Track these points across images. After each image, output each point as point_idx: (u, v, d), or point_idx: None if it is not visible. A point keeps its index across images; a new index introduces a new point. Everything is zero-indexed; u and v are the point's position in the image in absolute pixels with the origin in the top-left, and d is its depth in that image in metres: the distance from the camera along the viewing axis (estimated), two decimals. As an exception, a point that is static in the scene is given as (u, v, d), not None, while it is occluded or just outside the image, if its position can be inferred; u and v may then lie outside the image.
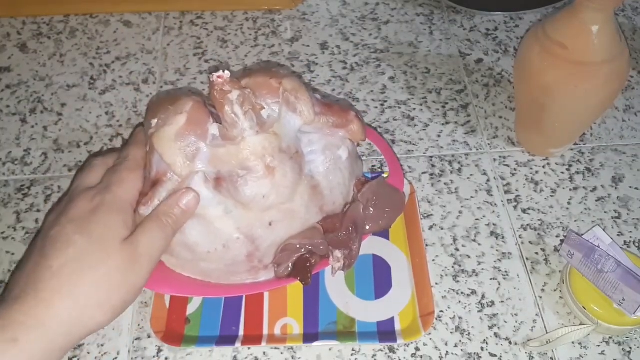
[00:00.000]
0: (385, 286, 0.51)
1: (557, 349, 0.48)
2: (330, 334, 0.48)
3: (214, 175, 0.42)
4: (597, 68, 0.49)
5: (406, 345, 0.48)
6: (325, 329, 0.49)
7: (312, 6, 0.75)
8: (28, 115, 0.64)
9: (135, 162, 0.43)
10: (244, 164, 0.41)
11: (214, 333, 0.48)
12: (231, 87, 0.40)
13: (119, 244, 0.38)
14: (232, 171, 0.41)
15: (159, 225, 0.40)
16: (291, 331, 0.49)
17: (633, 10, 0.75)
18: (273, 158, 0.41)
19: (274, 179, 0.41)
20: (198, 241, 0.43)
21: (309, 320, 0.49)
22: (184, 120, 0.41)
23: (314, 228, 0.46)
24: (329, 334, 0.48)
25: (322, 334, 0.48)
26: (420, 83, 0.66)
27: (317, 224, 0.46)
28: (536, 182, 0.58)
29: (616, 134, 0.62)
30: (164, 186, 0.41)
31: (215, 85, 0.40)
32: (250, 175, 0.41)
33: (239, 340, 0.48)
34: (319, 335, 0.48)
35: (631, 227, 0.55)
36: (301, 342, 0.47)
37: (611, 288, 0.46)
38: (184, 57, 0.69)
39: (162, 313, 0.49)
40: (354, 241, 0.46)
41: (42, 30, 0.72)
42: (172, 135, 0.41)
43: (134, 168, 0.43)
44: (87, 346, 0.48)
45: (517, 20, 0.73)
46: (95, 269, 0.37)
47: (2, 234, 0.55)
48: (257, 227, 0.43)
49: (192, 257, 0.44)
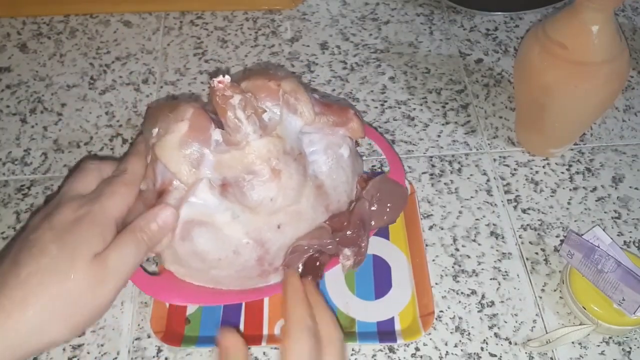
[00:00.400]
0: (385, 286, 0.51)
1: (557, 349, 0.48)
2: None
3: (219, 181, 0.41)
4: (597, 68, 0.49)
5: (406, 345, 0.48)
6: None
7: (312, 6, 0.75)
8: (28, 115, 0.64)
9: (132, 176, 0.42)
10: (249, 168, 0.41)
11: (214, 333, 0.48)
12: (232, 92, 0.40)
13: (90, 258, 0.37)
14: (238, 176, 0.41)
15: (132, 240, 0.39)
16: None
17: (633, 10, 0.75)
18: (278, 161, 0.41)
19: (280, 181, 0.41)
20: (208, 249, 0.43)
21: None
22: (186, 128, 0.41)
23: (321, 228, 0.46)
24: None
25: None
26: (420, 83, 0.66)
27: (324, 224, 0.46)
28: (536, 182, 0.58)
29: (616, 134, 0.62)
30: (170, 195, 0.41)
31: (216, 91, 0.40)
32: (256, 179, 0.41)
33: None
34: None
35: (631, 227, 0.55)
36: None
37: (611, 288, 0.46)
38: (184, 57, 0.69)
39: (162, 313, 0.49)
40: (362, 238, 0.46)
41: (42, 30, 0.72)
42: (176, 144, 0.40)
43: (130, 182, 0.42)
44: (87, 346, 0.48)
45: (517, 20, 0.73)
46: (62, 283, 0.36)
47: (2, 234, 0.55)
48: (265, 230, 0.43)
49: (202, 266, 0.44)
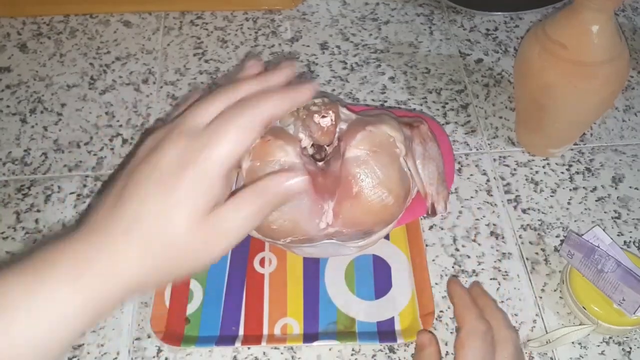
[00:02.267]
0: (385, 286, 0.51)
1: (557, 349, 0.48)
2: (330, 333, 0.48)
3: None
4: (597, 68, 0.49)
5: (406, 346, 0.48)
6: (325, 329, 0.49)
7: (312, 6, 0.75)
8: (28, 115, 0.64)
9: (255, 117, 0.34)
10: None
11: (214, 333, 0.48)
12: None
13: (197, 215, 0.32)
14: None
15: (256, 203, 0.34)
16: (291, 331, 0.49)
17: (633, 10, 0.75)
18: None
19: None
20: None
21: (309, 320, 0.49)
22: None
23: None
24: (329, 334, 0.48)
25: (322, 334, 0.48)
26: (420, 83, 0.66)
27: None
28: (536, 182, 0.58)
29: (616, 134, 0.62)
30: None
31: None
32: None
33: (238, 340, 0.47)
34: (319, 335, 0.48)
35: (631, 227, 0.55)
36: (301, 342, 0.47)
37: (611, 288, 0.46)
38: (183, 57, 0.69)
39: (162, 313, 0.49)
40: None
41: (42, 30, 0.72)
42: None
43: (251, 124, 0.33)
44: (87, 346, 0.48)
45: (517, 20, 0.73)
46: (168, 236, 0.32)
47: (2, 234, 0.55)
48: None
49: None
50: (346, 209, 0.42)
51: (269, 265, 0.52)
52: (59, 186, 0.58)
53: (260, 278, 0.51)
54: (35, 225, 0.55)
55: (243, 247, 0.53)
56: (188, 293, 0.50)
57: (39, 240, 0.54)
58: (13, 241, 0.54)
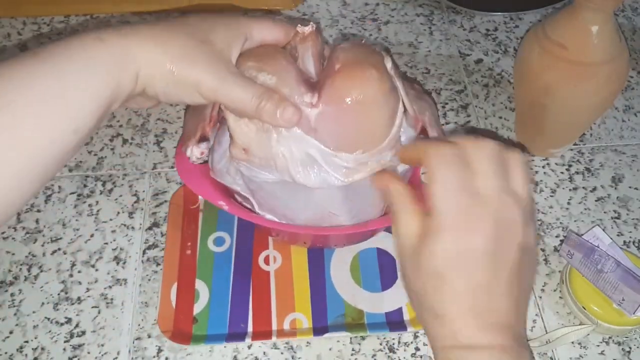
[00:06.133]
0: (391, 278, 0.51)
1: (557, 349, 0.48)
2: (340, 326, 0.49)
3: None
4: (596, 68, 0.49)
5: (406, 345, 0.48)
6: (334, 322, 0.49)
7: (312, 6, 0.75)
8: (28, 115, 0.63)
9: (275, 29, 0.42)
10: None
11: (223, 331, 0.49)
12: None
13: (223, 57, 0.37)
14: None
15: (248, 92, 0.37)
16: (300, 325, 0.49)
17: (633, 10, 0.75)
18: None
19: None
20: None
21: (317, 314, 0.49)
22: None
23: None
24: (338, 327, 0.48)
25: (331, 327, 0.48)
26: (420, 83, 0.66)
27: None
28: (536, 182, 0.58)
29: (616, 134, 0.63)
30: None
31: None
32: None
33: (248, 336, 0.48)
34: (329, 328, 0.48)
35: (631, 227, 0.55)
36: (311, 335, 0.48)
37: (611, 288, 0.46)
38: (184, 57, 0.69)
39: (168, 313, 0.49)
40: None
41: (42, 31, 0.72)
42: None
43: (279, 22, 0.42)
44: (87, 346, 0.48)
45: (517, 20, 0.73)
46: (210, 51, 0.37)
47: (2, 234, 0.55)
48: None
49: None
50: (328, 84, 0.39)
51: (273, 263, 0.52)
52: (59, 186, 0.58)
53: (266, 276, 0.52)
54: (36, 225, 0.55)
55: (247, 246, 0.53)
56: (194, 293, 0.50)
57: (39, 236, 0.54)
58: (13, 241, 0.54)
